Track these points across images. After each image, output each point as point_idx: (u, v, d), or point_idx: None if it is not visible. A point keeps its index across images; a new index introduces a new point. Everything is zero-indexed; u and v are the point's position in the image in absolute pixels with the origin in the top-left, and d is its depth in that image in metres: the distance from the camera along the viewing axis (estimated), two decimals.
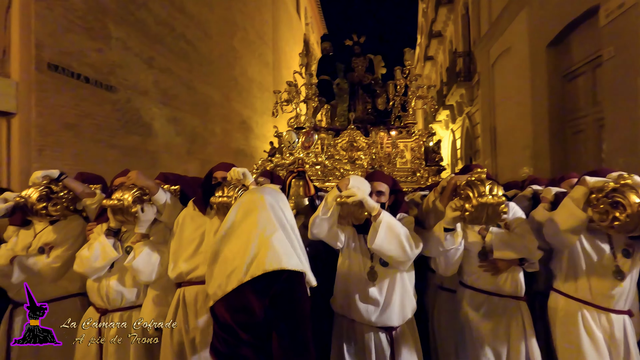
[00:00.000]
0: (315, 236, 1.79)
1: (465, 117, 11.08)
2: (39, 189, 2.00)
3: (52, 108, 4.79)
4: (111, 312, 1.96)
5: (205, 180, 2.08)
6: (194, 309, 1.86)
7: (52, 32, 4.80)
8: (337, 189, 1.75)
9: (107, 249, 1.85)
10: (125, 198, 1.83)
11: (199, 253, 1.89)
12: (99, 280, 1.94)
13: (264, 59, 12.85)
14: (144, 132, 6.64)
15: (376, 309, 1.78)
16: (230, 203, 1.75)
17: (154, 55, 6.87)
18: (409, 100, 4.90)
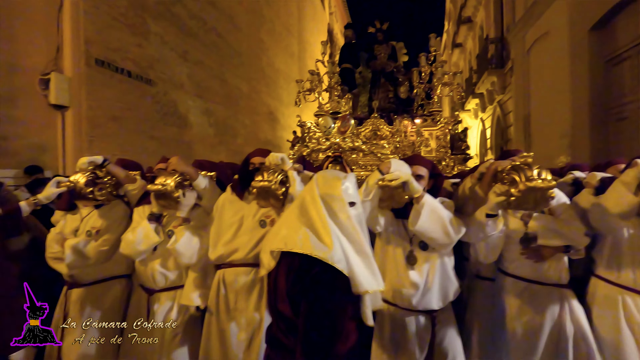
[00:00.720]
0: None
1: (496, 106, 10.76)
2: (85, 174, 2.06)
3: (100, 101, 5.09)
4: (158, 292, 2.05)
5: (243, 166, 2.10)
6: (234, 290, 1.92)
7: (99, 29, 5.07)
8: (379, 172, 1.72)
9: (150, 234, 1.92)
10: (167, 183, 1.87)
11: (238, 237, 1.94)
12: (145, 263, 2.03)
13: (289, 50, 12.92)
14: (180, 123, 6.91)
15: (416, 293, 1.76)
16: (270, 187, 1.79)
17: (188, 49, 7.09)
18: (434, 87, 4.79)
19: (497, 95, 10.47)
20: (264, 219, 1.94)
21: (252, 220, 1.94)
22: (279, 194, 1.82)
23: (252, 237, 1.92)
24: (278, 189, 1.82)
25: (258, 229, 1.93)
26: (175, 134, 6.75)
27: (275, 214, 1.94)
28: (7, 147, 4.13)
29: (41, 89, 4.49)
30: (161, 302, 2.03)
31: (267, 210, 1.95)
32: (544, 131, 7.33)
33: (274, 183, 1.80)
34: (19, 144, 4.26)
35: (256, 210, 1.95)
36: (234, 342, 1.89)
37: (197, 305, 1.97)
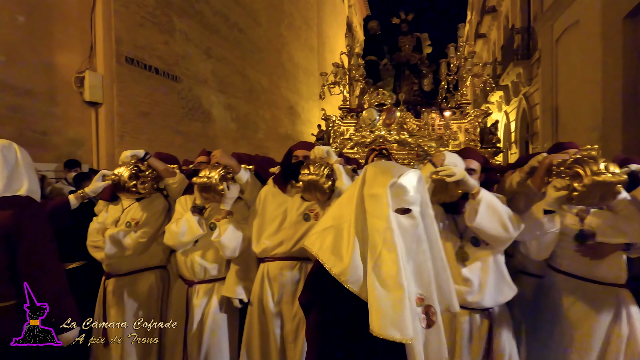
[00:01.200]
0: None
1: (522, 98, 10.44)
2: (129, 167, 2.08)
3: (130, 98, 5.30)
4: (197, 284, 2.06)
5: (285, 159, 2.08)
6: (278, 283, 1.91)
7: (128, 28, 5.27)
8: (432, 164, 1.65)
9: (194, 226, 1.92)
10: (212, 176, 1.87)
11: (282, 230, 1.93)
12: (186, 254, 2.04)
13: (309, 44, 12.93)
14: (204, 118, 7.09)
15: (469, 290, 1.67)
16: (318, 181, 1.77)
17: (211, 46, 7.24)
18: (464, 79, 4.65)
19: (522, 87, 10.16)
20: (307, 213, 1.93)
21: (296, 213, 1.93)
22: (325, 188, 1.81)
23: (296, 231, 1.91)
24: (325, 182, 1.80)
25: (302, 223, 1.91)
26: (200, 129, 6.94)
27: (319, 208, 1.92)
28: (47, 142, 4.38)
29: (77, 86, 4.72)
30: (200, 294, 2.05)
31: (311, 203, 1.93)
32: (572, 124, 7.09)
33: (321, 177, 1.79)
34: (58, 139, 4.51)
35: (300, 204, 1.94)
36: (278, 333, 1.89)
37: (241, 298, 1.98)
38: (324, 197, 1.85)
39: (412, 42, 5.41)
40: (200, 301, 2.03)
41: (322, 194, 1.82)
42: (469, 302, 1.69)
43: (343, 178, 1.85)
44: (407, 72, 5.45)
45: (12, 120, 4.00)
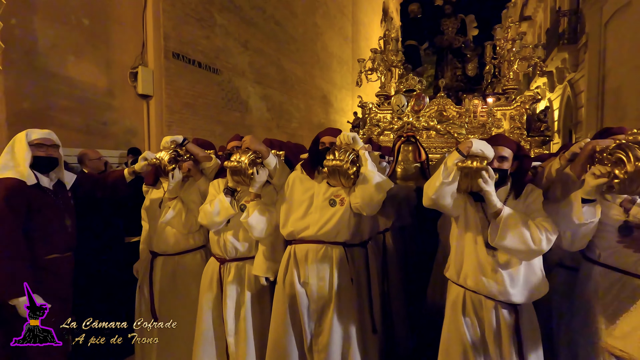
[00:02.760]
0: (434, 202, 1.64)
1: (567, 85, 9.90)
2: (169, 152, 2.19)
3: (176, 90, 5.77)
4: (229, 262, 2.15)
5: (313, 145, 2.12)
6: (304, 265, 1.97)
7: (175, 25, 5.70)
8: (458, 152, 1.59)
9: (227, 206, 2.03)
10: (242, 161, 1.94)
11: (309, 214, 1.99)
12: (219, 234, 2.14)
13: (343, 33, 12.93)
14: (242, 108, 7.49)
15: (499, 283, 1.61)
16: (342, 166, 1.81)
17: (248, 38, 7.57)
18: (511, 62, 4.30)
19: (568, 73, 9.64)
20: (333, 198, 1.97)
21: (322, 198, 1.98)
22: (350, 174, 1.83)
23: (322, 215, 1.96)
24: (349, 168, 1.83)
25: (328, 208, 1.96)
26: (238, 119, 7.35)
27: (345, 194, 1.95)
28: (108, 131, 4.94)
29: (131, 81, 5.24)
30: (232, 271, 2.14)
31: (337, 189, 1.97)
32: (620, 112, 6.72)
33: (345, 162, 1.81)
34: (116, 128, 5.06)
35: (326, 189, 1.99)
36: (305, 313, 1.95)
37: (268, 276, 2.07)
38: (349, 183, 1.88)
39: (455, 25, 5.13)
40: (232, 278, 2.14)
41: (347, 180, 1.86)
42: (496, 294, 1.63)
43: (368, 164, 1.87)
44: (449, 56, 5.17)
45: (80, 112, 4.56)
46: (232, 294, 2.12)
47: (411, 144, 2.74)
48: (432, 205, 1.68)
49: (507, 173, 1.68)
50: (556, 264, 2.06)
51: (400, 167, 2.67)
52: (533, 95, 4.48)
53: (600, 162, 1.53)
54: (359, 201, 1.84)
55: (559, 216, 1.59)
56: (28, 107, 3.99)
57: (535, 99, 4.44)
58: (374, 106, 4.72)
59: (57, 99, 4.32)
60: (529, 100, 4.28)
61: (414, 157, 2.69)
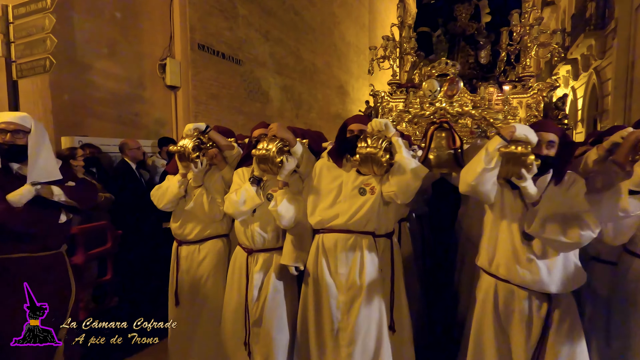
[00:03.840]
0: (473, 189, 1.61)
1: (592, 73, 9.64)
2: (192, 139, 2.16)
3: (201, 82, 5.91)
4: (256, 252, 2.12)
5: (340, 132, 2.07)
6: (334, 254, 1.94)
7: (200, 17, 5.80)
8: (500, 137, 1.53)
9: (253, 195, 1.98)
10: (270, 149, 1.90)
11: (338, 203, 1.95)
12: (245, 224, 2.10)
13: (360, 21, 12.82)
14: (263, 99, 7.60)
15: (533, 272, 1.58)
16: (377, 154, 1.76)
17: (269, 29, 7.62)
18: (528, 48, 4.18)
19: (594, 60, 9.38)
20: (363, 187, 1.93)
21: (351, 187, 1.94)
22: (383, 161, 1.79)
23: (352, 204, 1.92)
24: (383, 155, 1.78)
25: (357, 197, 1.92)
26: (259, 109, 7.46)
27: (375, 182, 1.92)
28: (139, 122, 5.13)
29: (160, 73, 5.39)
30: (259, 261, 2.12)
31: (366, 177, 1.93)
32: None
33: (379, 149, 1.77)
34: (146, 119, 5.24)
35: (355, 178, 1.95)
36: (333, 304, 1.93)
37: (297, 265, 2.04)
38: (381, 171, 1.84)
39: (469, 11, 4.96)
40: (260, 268, 2.10)
41: (380, 167, 1.81)
42: (529, 283, 1.60)
43: (403, 151, 1.82)
44: (462, 43, 5.02)
45: (114, 104, 4.75)
46: (258, 283, 2.10)
47: (444, 130, 2.67)
48: (469, 192, 1.65)
49: (552, 160, 1.61)
50: (591, 257, 1.99)
51: (433, 154, 2.65)
52: (551, 83, 4.30)
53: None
54: (395, 189, 1.81)
55: (602, 208, 1.52)
56: (68, 99, 4.19)
57: (553, 86, 4.27)
58: (386, 94, 4.62)
59: (93, 91, 4.51)
60: (546, 87, 4.15)
61: (447, 144, 2.66)
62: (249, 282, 2.10)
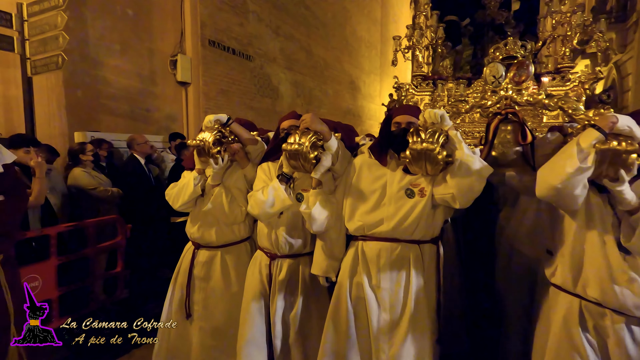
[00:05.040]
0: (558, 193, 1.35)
1: (612, 67, 9.31)
2: (213, 132, 1.95)
3: (212, 77, 5.94)
4: (280, 258, 1.91)
5: (384, 125, 1.83)
6: (376, 265, 1.72)
7: (210, 13, 5.82)
8: (597, 131, 1.29)
9: (282, 195, 1.77)
10: (303, 143, 1.70)
11: (382, 206, 1.72)
12: (270, 226, 1.89)
13: (372, 16, 12.66)
14: (273, 95, 7.60)
15: (636, 294, 1.33)
16: (434, 150, 1.51)
17: (280, 24, 7.60)
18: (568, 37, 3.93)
19: (614, 54, 9.03)
20: (411, 188, 1.68)
21: (397, 188, 1.70)
22: (439, 159, 1.53)
23: (398, 209, 1.68)
24: (440, 152, 1.52)
25: (404, 199, 1.68)
26: (269, 105, 7.48)
27: (425, 183, 1.67)
28: (150, 117, 5.20)
29: (171, 69, 5.45)
30: (284, 269, 1.90)
31: (414, 177, 1.69)
32: None
33: (436, 145, 1.52)
34: (158, 115, 5.31)
35: (401, 177, 1.71)
36: (374, 320, 1.71)
37: (329, 276, 1.83)
38: (436, 170, 1.58)
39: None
40: (284, 276, 1.89)
41: (434, 166, 1.56)
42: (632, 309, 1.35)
43: (464, 147, 1.56)
44: (490, 33, 4.77)
45: (126, 100, 4.83)
46: (283, 294, 1.88)
47: (511, 122, 2.30)
48: (552, 197, 1.39)
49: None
50: None
51: (497, 150, 2.27)
52: (594, 74, 3.95)
53: None
54: (453, 191, 1.55)
55: None
56: (82, 95, 4.27)
57: (597, 78, 3.93)
58: (411, 87, 4.39)
59: (106, 87, 4.58)
60: (589, 79, 3.82)
61: (515, 139, 2.28)
62: (271, 293, 1.89)
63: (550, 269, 1.59)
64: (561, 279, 1.53)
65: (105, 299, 3.14)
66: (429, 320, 1.71)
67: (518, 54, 3.43)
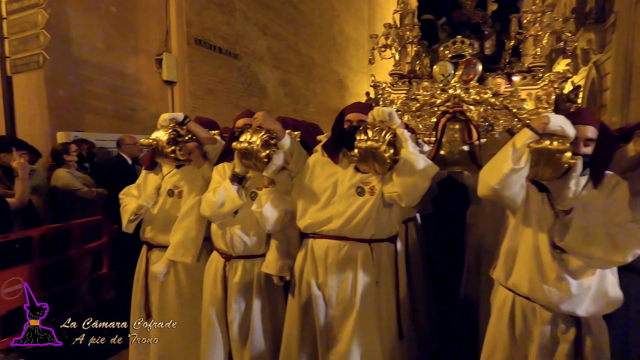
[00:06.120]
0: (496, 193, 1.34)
1: (592, 67, 9.60)
2: (167, 131, 1.93)
3: (198, 76, 5.90)
4: (235, 259, 1.87)
5: (337, 123, 1.80)
6: (324, 264, 1.72)
7: (197, 11, 5.77)
8: (531, 130, 1.29)
9: (233, 195, 1.76)
10: (254, 142, 1.68)
11: (332, 204, 1.72)
12: (224, 226, 1.86)
13: (360, 15, 12.74)
14: (261, 93, 7.59)
15: (563, 292, 1.34)
16: (379, 148, 1.50)
17: (267, 23, 7.58)
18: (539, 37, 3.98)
19: (593, 54, 9.33)
20: (361, 186, 1.68)
21: (348, 186, 1.70)
22: (386, 157, 1.54)
23: (348, 207, 1.67)
24: (386, 150, 1.52)
25: (354, 197, 1.68)
26: (257, 104, 7.45)
27: (375, 181, 1.66)
28: (136, 117, 5.13)
29: (156, 67, 5.38)
30: (239, 270, 1.87)
31: (366, 176, 1.68)
32: None
33: (381, 143, 1.51)
34: (143, 114, 5.25)
35: (352, 175, 1.70)
36: (321, 318, 1.71)
37: (283, 275, 1.81)
38: (384, 168, 1.59)
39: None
40: (239, 277, 1.86)
41: (382, 165, 1.57)
42: (558, 305, 1.36)
43: (409, 145, 1.56)
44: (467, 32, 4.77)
45: (111, 99, 4.75)
46: (239, 296, 1.86)
47: (459, 121, 2.31)
48: (491, 196, 1.38)
49: (589, 157, 1.35)
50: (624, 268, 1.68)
51: (444, 149, 2.29)
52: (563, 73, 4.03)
53: None
54: (398, 190, 1.56)
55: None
56: (64, 94, 4.19)
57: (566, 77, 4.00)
58: (387, 85, 4.41)
59: (90, 86, 4.50)
60: (558, 78, 3.90)
61: (462, 138, 2.30)
62: (227, 296, 1.86)
63: (493, 263, 1.63)
64: (497, 273, 1.58)
65: (91, 300, 3.11)
66: (380, 319, 1.70)
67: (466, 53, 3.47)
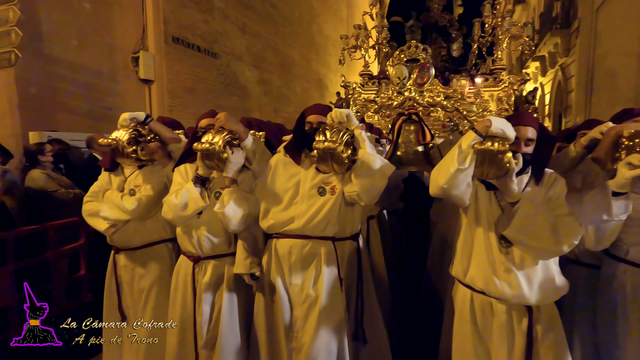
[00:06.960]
0: (444, 192, 1.42)
1: (558, 70, 10.10)
2: (128, 131, 1.90)
3: (177, 75, 5.84)
4: (204, 260, 1.85)
5: (298, 124, 1.82)
6: (287, 263, 1.74)
7: (174, 9, 5.71)
8: (475, 133, 1.36)
9: (196, 197, 1.73)
10: (216, 142, 1.66)
11: (294, 204, 1.73)
12: (190, 228, 1.83)
13: (338, 15, 12.86)
14: (241, 93, 7.57)
15: (512, 285, 1.43)
16: (336, 149, 1.54)
17: (246, 22, 7.57)
18: (499, 41, 4.15)
19: (560, 57, 9.81)
20: (322, 186, 1.71)
21: (310, 186, 1.72)
22: (344, 157, 1.58)
23: (309, 206, 1.70)
24: (344, 151, 1.57)
25: (316, 197, 1.70)
26: (237, 103, 7.44)
27: (336, 181, 1.70)
28: (112, 116, 5.02)
29: (133, 66, 5.30)
30: (208, 271, 1.84)
31: (327, 176, 1.71)
32: (607, 97, 6.97)
33: (339, 144, 1.55)
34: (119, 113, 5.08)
35: (314, 176, 1.73)
36: (287, 318, 1.73)
37: (253, 272, 1.79)
38: (342, 168, 1.63)
39: (442, 2, 5.03)
40: (209, 280, 1.83)
41: (340, 165, 1.61)
42: (509, 297, 1.45)
43: (367, 146, 1.61)
44: (434, 35, 5.05)
45: (86, 98, 4.65)
46: (208, 295, 1.83)
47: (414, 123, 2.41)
48: (441, 195, 1.45)
49: (530, 156, 1.45)
50: (570, 260, 1.81)
51: (401, 150, 2.41)
52: (522, 76, 4.27)
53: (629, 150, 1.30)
54: (357, 189, 1.60)
55: (583, 211, 1.37)
56: (36, 92, 4.08)
57: (524, 80, 4.24)
58: (357, 86, 4.53)
59: (63, 85, 4.39)
60: (517, 81, 4.13)
61: (416, 139, 2.41)
62: (196, 298, 1.83)
63: (451, 261, 1.70)
64: (455, 270, 1.64)
65: (68, 303, 3.06)
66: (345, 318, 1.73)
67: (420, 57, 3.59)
